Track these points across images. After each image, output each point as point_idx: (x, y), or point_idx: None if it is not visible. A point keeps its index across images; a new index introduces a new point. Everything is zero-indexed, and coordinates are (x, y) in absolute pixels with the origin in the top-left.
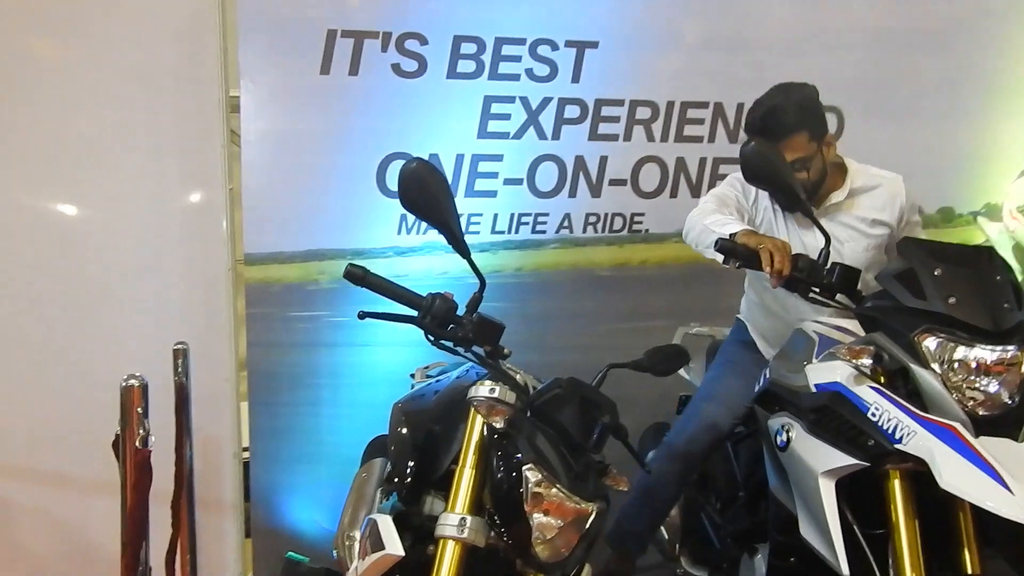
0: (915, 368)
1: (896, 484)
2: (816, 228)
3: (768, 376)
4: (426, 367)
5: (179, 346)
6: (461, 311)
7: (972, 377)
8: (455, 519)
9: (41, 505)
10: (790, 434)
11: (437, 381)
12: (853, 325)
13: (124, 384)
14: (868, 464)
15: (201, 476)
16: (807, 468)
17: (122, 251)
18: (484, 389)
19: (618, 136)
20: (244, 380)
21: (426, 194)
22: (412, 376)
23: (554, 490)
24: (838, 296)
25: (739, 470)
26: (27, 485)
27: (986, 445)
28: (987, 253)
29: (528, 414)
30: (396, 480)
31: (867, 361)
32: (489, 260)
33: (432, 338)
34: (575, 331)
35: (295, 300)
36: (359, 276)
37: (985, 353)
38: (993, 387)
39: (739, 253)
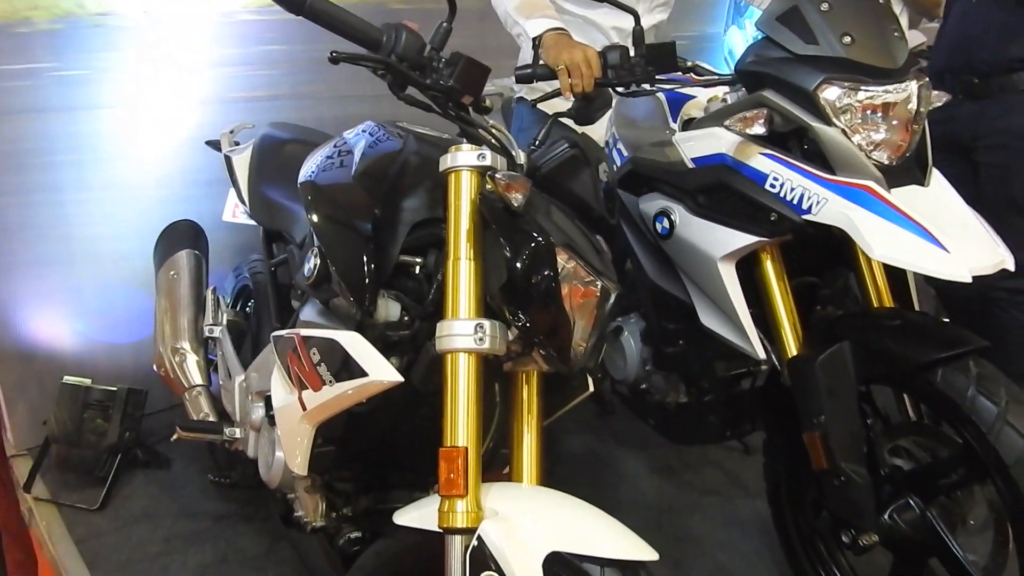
0: (817, 126)
1: (769, 264)
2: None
3: (624, 152)
4: (231, 130)
5: None
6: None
7: (874, 124)
8: (467, 326)
9: None
10: (672, 219)
11: (339, 147)
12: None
13: None
14: (770, 240)
15: None
16: (701, 254)
17: None
18: (470, 156)
19: None
20: None
21: None
22: (211, 144)
23: (587, 275)
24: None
25: None
26: None
27: (904, 199)
28: None
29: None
30: (344, 282)
31: (761, 129)
32: None
33: (398, 88)
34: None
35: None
36: (299, 2)
37: (886, 95)
38: (895, 131)
39: (539, 75)
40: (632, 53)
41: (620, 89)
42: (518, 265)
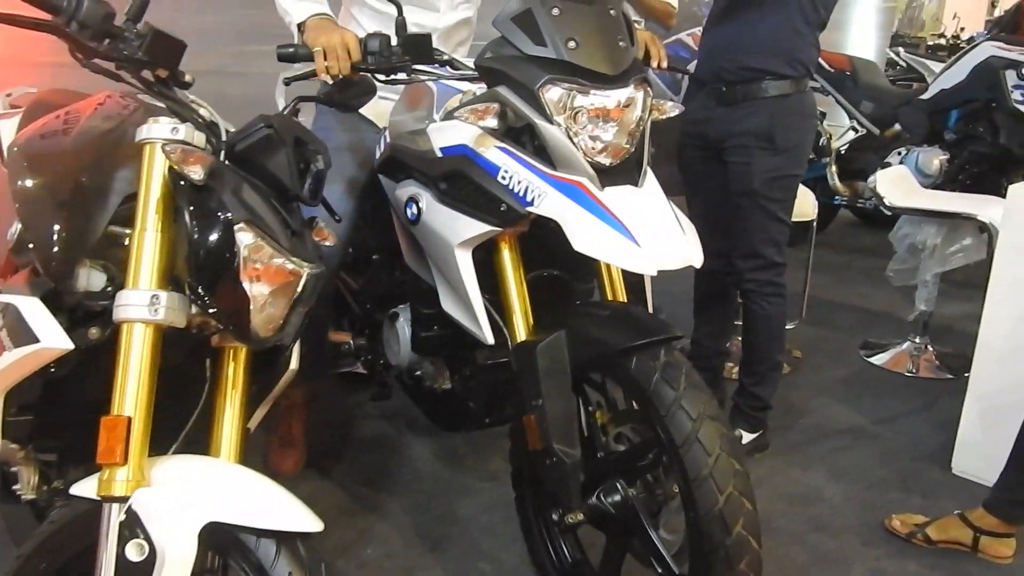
0: (540, 123)
1: (506, 253)
2: None
3: (388, 140)
4: (8, 94)
5: None
6: (119, 18)
7: (593, 126)
8: (143, 297)
9: None
10: (420, 205)
11: (67, 114)
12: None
13: None
14: (501, 230)
15: None
16: (442, 240)
17: None
18: (163, 128)
19: None
20: None
21: None
22: None
23: (272, 253)
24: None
25: (371, 234)
26: None
27: (611, 197)
28: None
29: (224, 160)
30: (36, 250)
31: (492, 122)
32: None
33: (82, 56)
34: (194, 54)
35: None
36: None
37: (604, 99)
38: (613, 134)
39: (299, 56)
40: (394, 42)
41: (380, 76)
42: (196, 238)
